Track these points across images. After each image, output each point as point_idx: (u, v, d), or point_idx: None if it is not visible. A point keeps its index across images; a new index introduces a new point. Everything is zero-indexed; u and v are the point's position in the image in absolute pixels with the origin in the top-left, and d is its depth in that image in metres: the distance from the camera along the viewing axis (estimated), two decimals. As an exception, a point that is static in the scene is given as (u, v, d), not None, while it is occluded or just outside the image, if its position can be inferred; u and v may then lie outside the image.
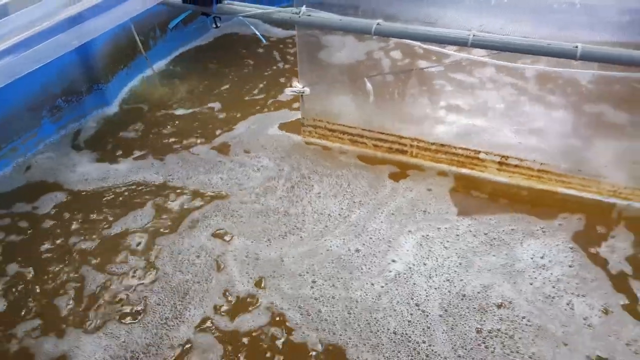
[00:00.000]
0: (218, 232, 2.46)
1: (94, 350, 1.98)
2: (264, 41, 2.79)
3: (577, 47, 2.11)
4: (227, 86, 3.54)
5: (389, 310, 2.07)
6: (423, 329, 2.01)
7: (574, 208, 2.50)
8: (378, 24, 2.36)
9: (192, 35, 4.07)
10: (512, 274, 2.21)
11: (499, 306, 2.09)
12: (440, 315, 2.05)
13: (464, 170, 2.77)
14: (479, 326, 2.01)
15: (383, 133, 2.85)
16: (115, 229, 2.48)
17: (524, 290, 2.14)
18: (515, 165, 2.66)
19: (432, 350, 1.94)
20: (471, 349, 1.94)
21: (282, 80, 3.56)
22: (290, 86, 2.86)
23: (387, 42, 2.77)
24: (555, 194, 2.59)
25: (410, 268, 2.24)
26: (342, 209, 2.55)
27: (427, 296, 2.13)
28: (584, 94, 2.46)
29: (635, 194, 2.48)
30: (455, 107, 2.76)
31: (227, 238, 2.43)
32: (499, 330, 2.00)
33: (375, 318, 2.05)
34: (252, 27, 2.71)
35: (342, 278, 2.22)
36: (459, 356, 1.92)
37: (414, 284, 2.18)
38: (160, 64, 3.80)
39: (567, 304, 2.08)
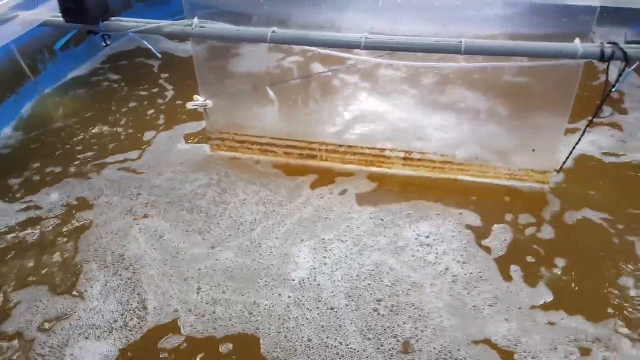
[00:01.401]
0: (144, 215, 2.59)
1: None
2: (159, 55, 2.71)
3: (461, 42, 2.23)
4: (129, 105, 3.42)
5: (301, 320, 2.08)
6: (336, 329, 2.04)
7: (471, 192, 2.64)
8: (273, 31, 2.37)
9: (87, 54, 3.90)
10: (397, 250, 2.35)
11: (387, 275, 2.24)
12: (347, 305, 2.11)
13: (373, 169, 2.84)
14: (372, 299, 2.14)
15: (292, 140, 2.87)
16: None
17: (407, 260, 2.30)
18: (419, 159, 2.76)
19: (351, 349, 1.97)
20: (375, 325, 2.04)
21: (186, 93, 3.48)
22: (192, 100, 2.80)
23: (287, 49, 2.79)
24: (456, 182, 2.72)
25: (313, 270, 2.27)
26: (255, 218, 2.53)
27: (332, 291, 2.17)
28: (473, 86, 2.61)
29: (528, 175, 2.65)
30: (358, 108, 2.83)
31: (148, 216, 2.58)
32: (385, 297, 2.15)
33: (287, 328, 2.05)
34: (145, 42, 2.63)
35: (247, 289, 2.21)
36: (369, 339, 2.00)
37: (318, 285, 2.21)
38: (53, 87, 3.60)
39: (445, 268, 2.26)
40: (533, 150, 2.56)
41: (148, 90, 3.57)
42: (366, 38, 2.29)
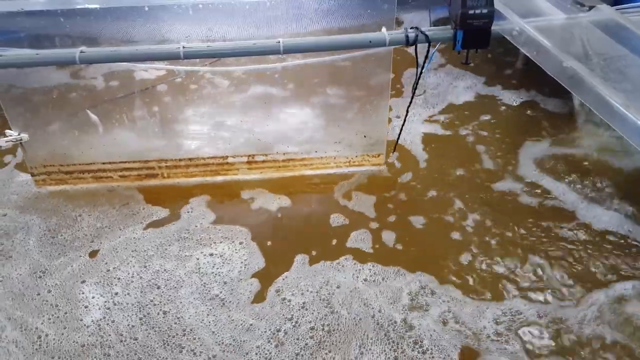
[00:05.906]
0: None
1: None
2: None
3: (279, 42, 2.26)
4: None
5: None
6: (149, 353, 1.98)
7: (311, 188, 2.71)
8: (81, 51, 2.19)
9: None
10: (182, 257, 2.37)
11: (161, 277, 2.28)
12: (142, 326, 2.07)
13: (219, 178, 2.79)
14: (158, 310, 2.14)
15: (126, 161, 2.70)
16: None
17: (185, 264, 2.34)
18: (263, 161, 2.77)
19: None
20: (165, 330, 2.06)
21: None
22: (4, 136, 2.52)
23: (103, 67, 2.62)
24: (303, 178, 2.77)
25: (107, 304, 2.17)
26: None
27: (129, 324, 2.08)
28: (302, 83, 2.67)
29: (365, 160, 2.79)
30: (190, 119, 2.75)
31: None
32: (162, 301, 2.18)
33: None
34: None
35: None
36: (170, 344, 2.00)
37: (114, 321, 2.10)
38: None
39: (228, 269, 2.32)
40: (365, 136, 2.69)
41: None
42: (184, 48, 2.22)
